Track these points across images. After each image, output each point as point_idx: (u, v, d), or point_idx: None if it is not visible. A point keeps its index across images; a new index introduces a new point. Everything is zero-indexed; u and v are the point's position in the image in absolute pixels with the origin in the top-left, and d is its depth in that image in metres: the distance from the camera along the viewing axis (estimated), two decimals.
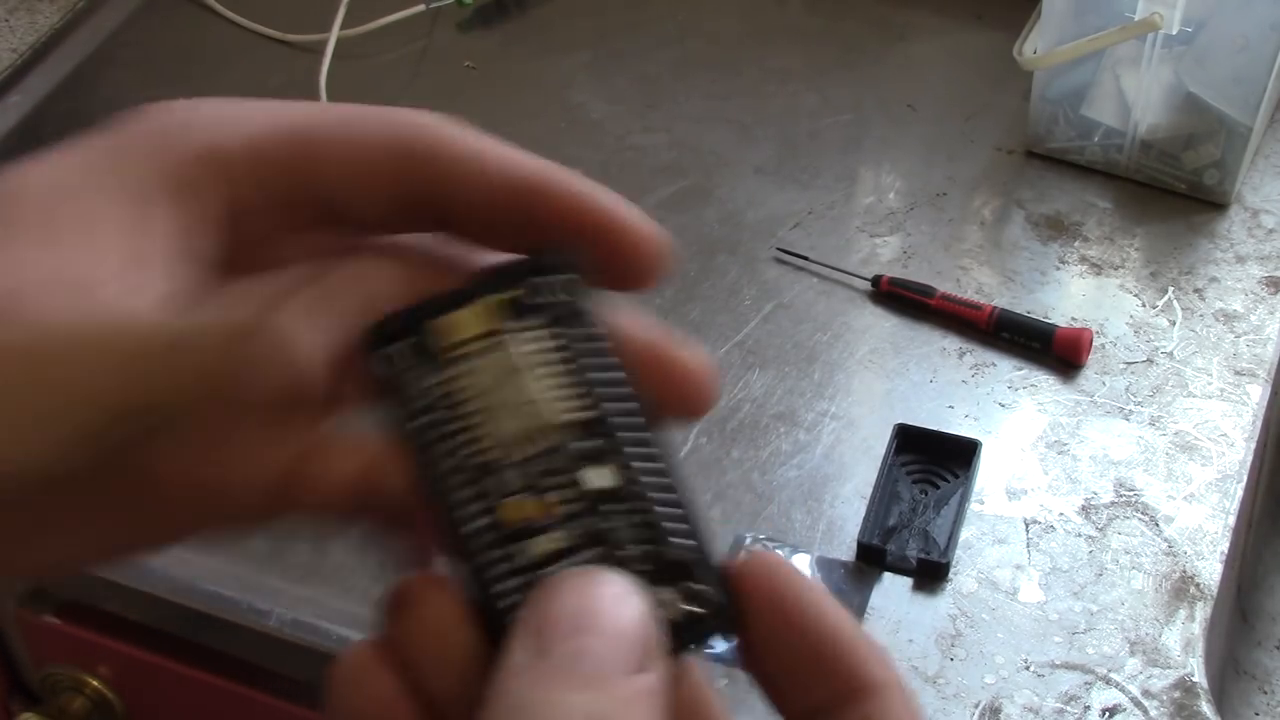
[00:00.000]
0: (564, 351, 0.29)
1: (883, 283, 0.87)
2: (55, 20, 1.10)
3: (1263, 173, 0.94)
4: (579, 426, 0.28)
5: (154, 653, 0.82)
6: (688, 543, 0.28)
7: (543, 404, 0.28)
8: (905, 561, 0.73)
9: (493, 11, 1.08)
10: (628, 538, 0.28)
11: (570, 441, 0.28)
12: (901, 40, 1.06)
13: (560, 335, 0.29)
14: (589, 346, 0.29)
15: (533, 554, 0.28)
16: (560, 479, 0.28)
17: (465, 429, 0.28)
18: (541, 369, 0.28)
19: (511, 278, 0.29)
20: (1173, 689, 0.68)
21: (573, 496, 0.28)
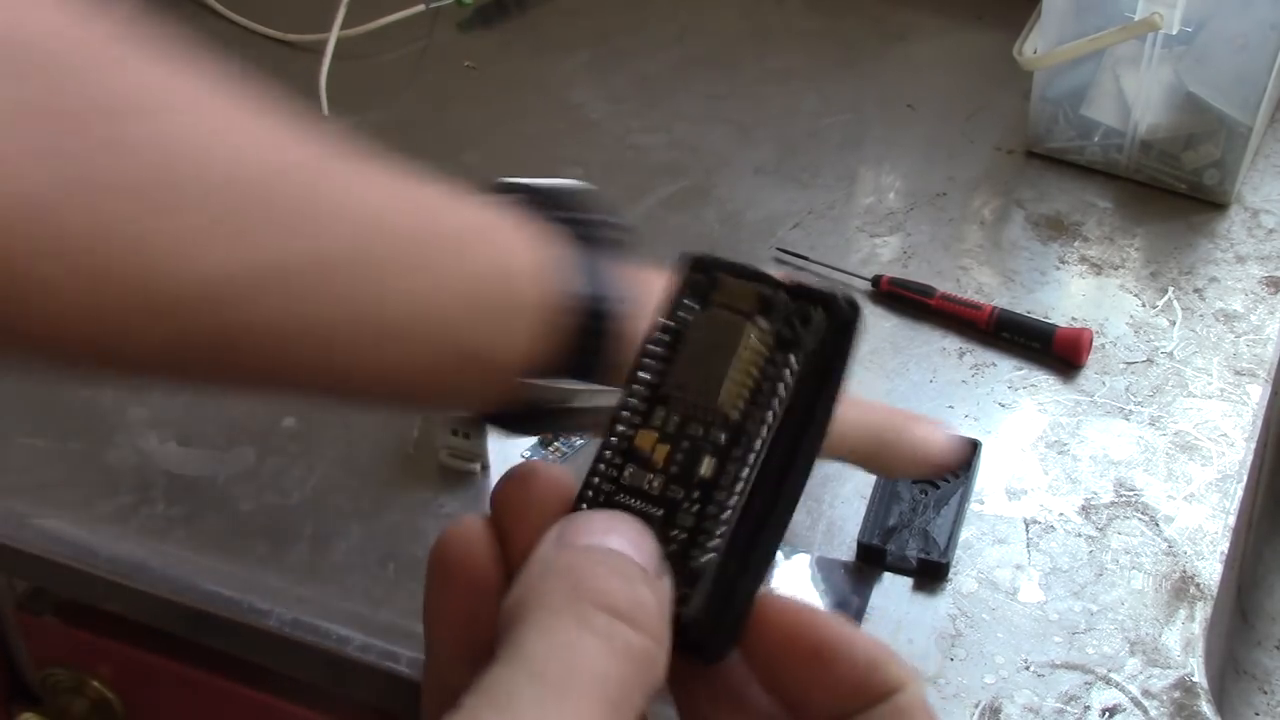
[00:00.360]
0: (772, 370, 0.32)
1: (883, 283, 0.87)
2: None
3: (1263, 173, 0.94)
4: (731, 424, 0.32)
5: (154, 653, 0.82)
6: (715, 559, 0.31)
7: (725, 389, 0.32)
8: (905, 561, 0.73)
9: (493, 11, 1.08)
10: (683, 521, 0.31)
11: (717, 428, 0.32)
12: (901, 40, 1.06)
13: (778, 359, 0.32)
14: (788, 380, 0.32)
15: (627, 477, 0.32)
16: (689, 445, 0.32)
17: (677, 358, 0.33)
18: (747, 366, 0.32)
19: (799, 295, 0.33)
20: (1173, 689, 0.68)
21: (684, 464, 0.32)
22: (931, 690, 0.68)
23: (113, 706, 0.87)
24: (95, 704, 0.87)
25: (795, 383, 0.32)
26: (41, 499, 0.77)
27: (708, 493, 0.31)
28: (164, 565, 0.75)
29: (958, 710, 0.68)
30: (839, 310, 0.33)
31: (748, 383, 0.32)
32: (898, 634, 0.71)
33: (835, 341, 0.33)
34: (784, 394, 0.32)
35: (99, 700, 0.86)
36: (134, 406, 0.82)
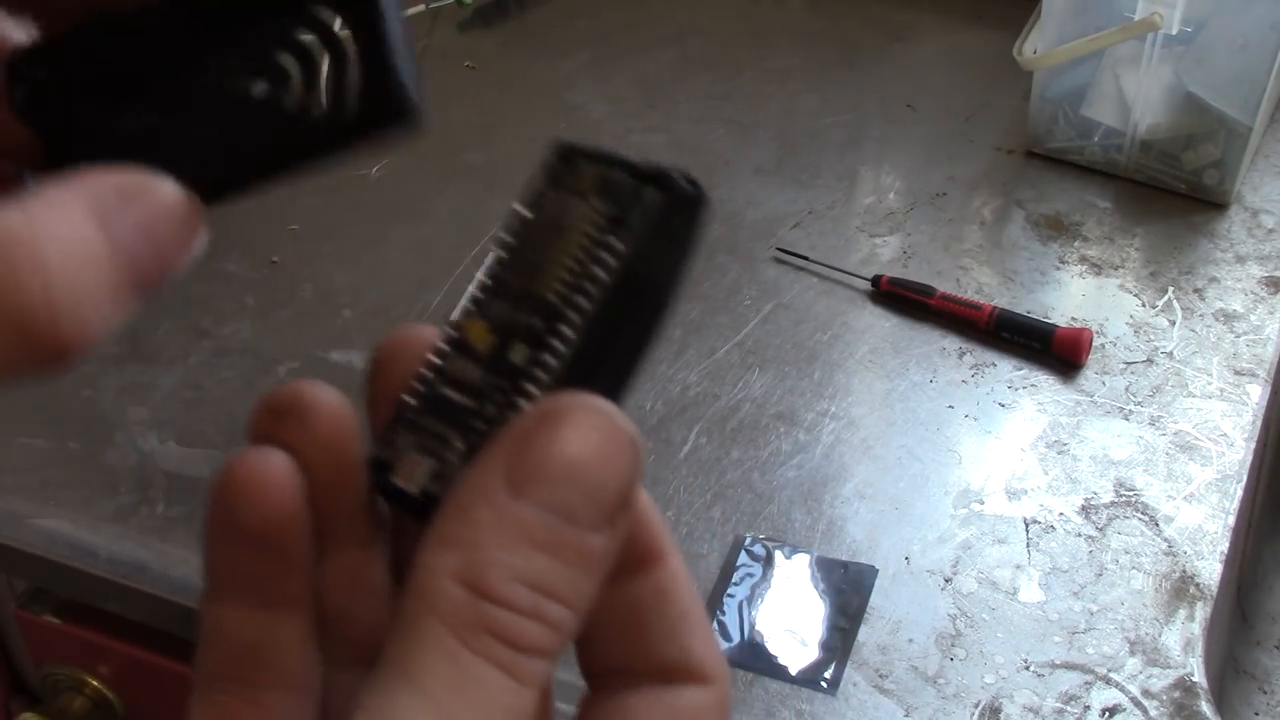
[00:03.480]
0: (599, 253, 0.30)
1: (883, 283, 0.87)
2: None
3: (1263, 173, 0.94)
4: (549, 308, 0.30)
5: (154, 653, 0.82)
6: None
7: (547, 272, 0.30)
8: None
9: (493, 11, 1.08)
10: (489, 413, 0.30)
11: (538, 315, 0.30)
12: (901, 40, 1.06)
13: (608, 243, 0.30)
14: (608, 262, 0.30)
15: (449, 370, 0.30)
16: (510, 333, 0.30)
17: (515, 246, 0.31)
18: (575, 252, 0.30)
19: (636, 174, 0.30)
20: (1173, 689, 0.68)
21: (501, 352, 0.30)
22: (932, 690, 0.69)
23: (113, 706, 0.87)
24: (95, 704, 0.87)
25: (621, 265, 0.29)
26: (41, 499, 0.77)
27: (517, 382, 0.30)
28: (164, 565, 0.75)
29: (958, 710, 0.68)
30: (675, 187, 0.30)
31: (574, 267, 0.30)
32: (897, 634, 0.71)
33: (674, 221, 0.30)
34: (603, 276, 0.29)
35: (99, 700, 0.86)
36: (134, 406, 0.82)
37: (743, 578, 0.73)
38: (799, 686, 0.69)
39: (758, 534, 0.75)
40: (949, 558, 0.74)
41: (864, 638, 0.71)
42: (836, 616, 0.72)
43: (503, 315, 0.30)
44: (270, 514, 0.28)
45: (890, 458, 0.79)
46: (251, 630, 0.28)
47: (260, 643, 0.29)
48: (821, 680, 0.69)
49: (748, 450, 0.78)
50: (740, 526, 0.75)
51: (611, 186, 0.30)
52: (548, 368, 0.29)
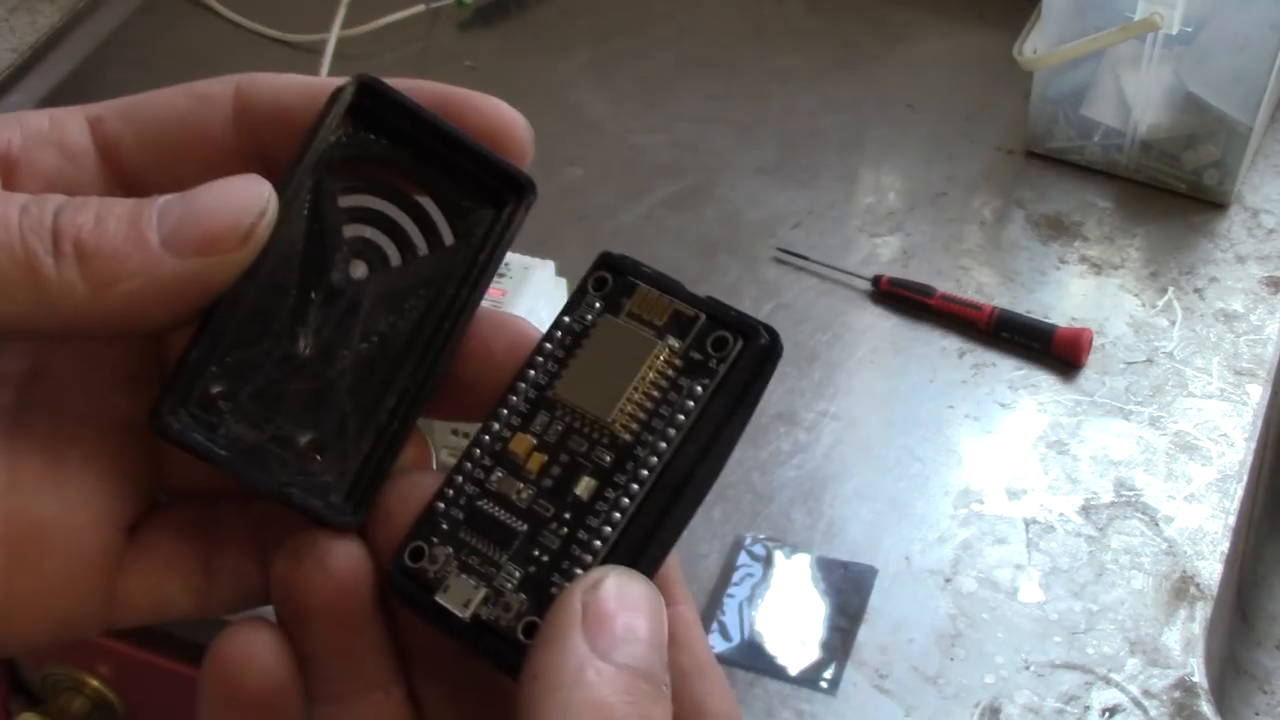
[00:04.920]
0: (673, 395, 0.30)
1: (883, 283, 0.87)
2: (55, 20, 1.10)
3: (1263, 173, 0.94)
4: (619, 445, 0.29)
5: (154, 653, 0.82)
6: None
7: (619, 408, 0.30)
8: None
9: (493, 11, 1.08)
10: (548, 542, 0.29)
11: (602, 448, 0.29)
12: (901, 40, 1.06)
13: (684, 386, 0.30)
14: (690, 410, 0.30)
15: (494, 482, 0.30)
16: (567, 460, 0.30)
17: (569, 364, 0.30)
18: (649, 389, 0.30)
19: (717, 319, 0.30)
20: (1173, 689, 0.68)
21: (560, 479, 0.30)
22: (932, 690, 0.69)
23: (113, 706, 0.87)
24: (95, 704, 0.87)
25: (700, 412, 0.29)
26: None
27: (580, 515, 0.29)
28: None
29: (958, 710, 0.68)
30: (757, 342, 0.30)
31: (646, 405, 0.29)
32: (897, 634, 0.71)
33: (750, 372, 0.30)
34: (684, 424, 0.29)
35: (99, 700, 0.86)
36: None
37: (743, 578, 0.73)
38: (799, 686, 0.69)
39: (758, 534, 0.75)
40: (949, 558, 0.74)
41: (864, 638, 0.71)
42: (836, 616, 0.72)
43: (556, 437, 0.30)
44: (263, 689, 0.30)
45: (890, 458, 0.79)
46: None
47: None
48: (821, 680, 0.69)
49: (748, 450, 0.78)
50: (740, 527, 0.75)
51: (687, 323, 0.30)
52: (619, 507, 0.29)
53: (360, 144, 0.31)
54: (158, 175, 0.31)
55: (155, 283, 0.28)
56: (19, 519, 0.29)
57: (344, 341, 0.31)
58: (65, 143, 0.31)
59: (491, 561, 0.29)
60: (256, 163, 0.31)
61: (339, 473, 0.31)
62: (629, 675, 0.27)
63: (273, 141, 0.31)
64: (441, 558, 0.30)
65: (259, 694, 0.30)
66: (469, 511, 0.30)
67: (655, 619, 0.28)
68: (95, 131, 0.31)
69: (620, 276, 0.31)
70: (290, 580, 0.30)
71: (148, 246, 0.28)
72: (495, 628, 0.29)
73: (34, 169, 0.30)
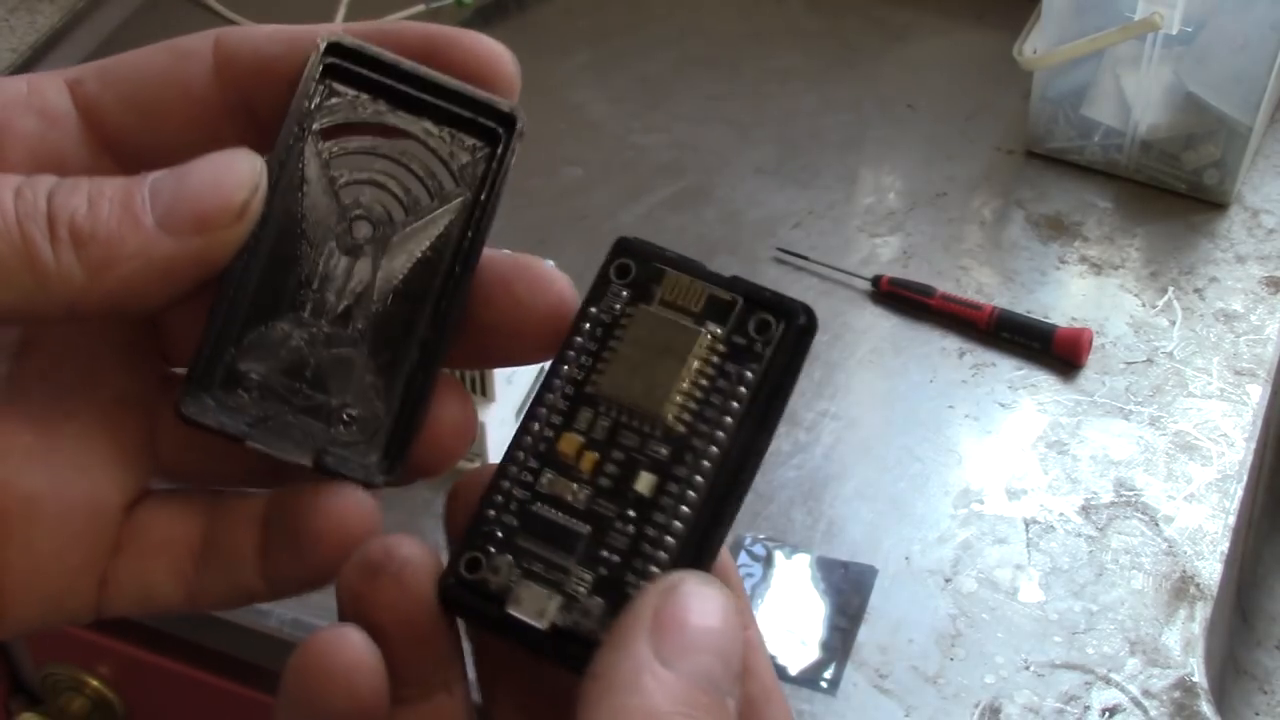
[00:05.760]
0: (722, 383, 0.29)
1: (883, 283, 0.87)
2: (55, 20, 1.10)
3: (1263, 173, 0.94)
4: (674, 438, 0.29)
5: (154, 653, 0.82)
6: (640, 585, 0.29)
7: (669, 400, 0.29)
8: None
9: (493, 11, 1.08)
10: (616, 542, 0.29)
11: (656, 441, 0.29)
12: (901, 40, 1.06)
13: (732, 372, 0.29)
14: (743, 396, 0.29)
15: (545, 484, 0.29)
16: (622, 456, 0.29)
17: (606, 357, 0.30)
18: (698, 379, 0.29)
19: (755, 301, 0.30)
20: (1173, 689, 0.68)
21: (617, 476, 0.29)
22: (932, 690, 0.69)
23: (113, 706, 0.87)
24: (95, 704, 0.87)
25: (751, 396, 0.29)
26: None
27: (646, 512, 0.29)
28: None
29: (958, 710, 0.68)
30: (798, 322, 0.30)
31: (696, 394, 0.29)
32: (897, 634, 0.71)
33: (791, 353, 0.30)
34: (739, 410, 0.29)
35: (99, 700, 0.86)
36: None
37: (743, 578, 0.73)
38: (799, 686, 0.69)
39: (758, 534, 0.75)
40: (949, 558, 0.74)
41: (864, 638, 0.71)
42: (836, 616, 0.72)
43: (605, 434, 0.29)
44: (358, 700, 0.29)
45: (890, 458, 0.79)
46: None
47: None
48: (821, 680, 0.69)
49: None
50: (740, 526, 0.75)
51: (724, 308, 0.30)
52: (685, 500, 0.29)
53: (343, 103, 0.31)
54: (140, 135, 0.31)
55: (152, 264, 0.28)
56: (9, 492, 0.29)
57: (358, 303, 0.31)
58: (45, 107, 0.30)
59: (558, 567, 0.29)
60: (241, 115, 0.31)
61: (371, 433, 0.31)
62: (689, 685, 0.26)
63: (256, 94, 0.31)
64: (503, 567, 0.29)
65: (352, 700, 0.29)
66: (523, 516, 0.29)
67: (728, 631, 0.27)
68: (75, 94, 0.31)
69: (644, 262, 0.30)
70: (363, 593, 0.29)
71: (142, 228, 0.28)
72: (577, 635, 0.28)
73: (15, 135, 0.30)
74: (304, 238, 0.31)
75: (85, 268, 0.27)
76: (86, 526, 0.30)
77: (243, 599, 0.32)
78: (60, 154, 0.30)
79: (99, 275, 0.27)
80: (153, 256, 0.28)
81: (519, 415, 0.80)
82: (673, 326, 0.30)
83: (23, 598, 0.30)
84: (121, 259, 0.28)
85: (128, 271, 0.28)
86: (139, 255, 0.28)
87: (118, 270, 0.28)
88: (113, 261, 0.28)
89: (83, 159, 0.31)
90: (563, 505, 0.29)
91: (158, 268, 0.28)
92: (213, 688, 0.81)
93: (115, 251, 0.28)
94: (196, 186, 0.28)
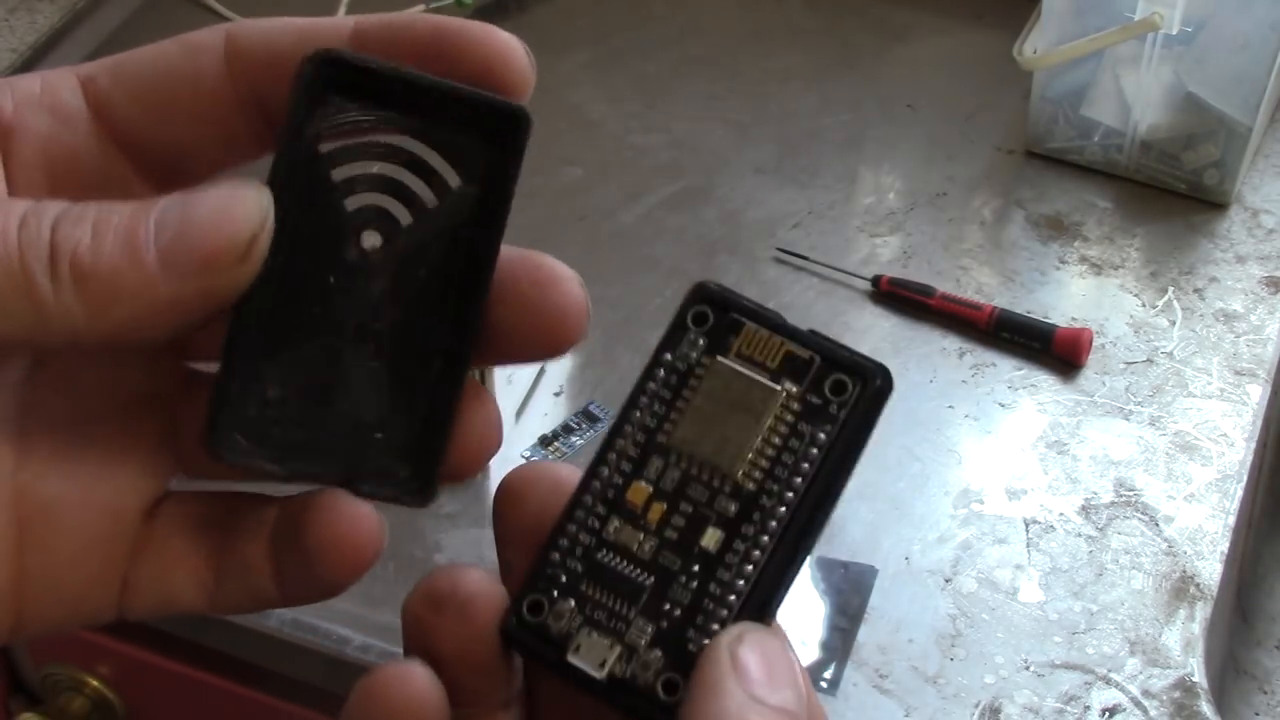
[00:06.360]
0: (794, 442, 0.29)
1: (883, 283, 0.87)
2: (55, 20, 1.10)
3: (1263, 173, 0.94)
4: (743, 495, 0.29)
5: (154, 653, 0.82)
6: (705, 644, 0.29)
7: (741, 458, 0.29)
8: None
9: (493, 11, 1.08)
10: (679, 596, 0.29)
11: (725, 497, 0.29)
12: (901, 40, 1.06)
13: (805, 432, 0.29)
14: (815, 458, 0.29)
15: (612, 532, 0.29)
16: (690, 509, 0.29)
17: (680, 408, 0.30)
18: (771, 437, 0.29)
19: (833, 361, 0.30)
20: (1173, 689, 0.68)
21: (684, 530, 0.29)
22: (932, 690, 0.69)
23: (113, 706, 0.87)
24: (95, 704, 0.87)
25: (823, 458, 0.29)
26: None
27: (710, 568, 0.29)
28: None
29: (958, 710, 0.68)
30: (873, 384, 0.29)
31: (768, 452, 0.29)
32: (897, 634, 0.71)
33: (865, 415, 0.29)
34: (809, 472, 0.29)
35: (99, 700, 0.86)
36: None
37: None
38: None
39: None
40: (949, 558, 0.74)
41: (864, 638, 0.71)
42: (836, 616, 0.72)
43: (674, 485, 0.29)
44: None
45: (890, 458, 0.79)
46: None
47: None
48: (821, 680, 0.69)
49: None
50: None
51: (801, 366, 0.30)
52: (750, 559, 0.29)
53: (340, 115, 0.30)
54: (152, 130, 0.31)
55: (153, 304, 0.27)
56: (30, 498, 0.29)
57: (375, 315, 0.30)
58: (58, 105, 0.30)
59: (620, 617, 0.29)
60: (253, 109, 0.30)
61: (400, 449, 0.31)
62: (784, 715, 0.28)
63: (268, 88, 0.30)
64: (566, 613, 0.29)
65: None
66: (588, 563, 0.29)
67: (795, 666, 0.29)
68: (87, 91, 0.30)
69: (722, 312, 0.30)
70: (427, 621, 0.30)
71: (144, 266, 0.27)
72: (634, 686, 0.29)
73: (29, 135, 0.30)
74: (312, 257, 0.30)
75: (85, 305, 0.27)
76: (107, 531, 0.30)
77: (260, 605, 0.32)
78: (73, 152, 0.30)
79: (99, 313, 0.27)
80: (155, 296, 0.27)
81: (518, 415, 0.80)
82: (748, 382, 0.30)
83: (44, 601, 0.30)
84: (123, 298, 0.27)
85: (128, 311, 0.27)
86: (140, 295, 0.27)
87: (118, 309, 0.27)
88: (113, 300, 0.27)
89: (95, 156, 0.30)
90: (629, 555, 0.29)
91: (160, 307, 0.27)
92: (213, 688, 0.81)
93: (116, 289, 0.27)
94: (201, 224, 0.27)
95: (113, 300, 0.27)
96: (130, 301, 0.27)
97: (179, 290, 0.27)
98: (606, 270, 0.87)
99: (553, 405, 0.81)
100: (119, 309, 0.27)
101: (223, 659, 0.78)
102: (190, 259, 0.27)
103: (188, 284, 0.27)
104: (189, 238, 0.27)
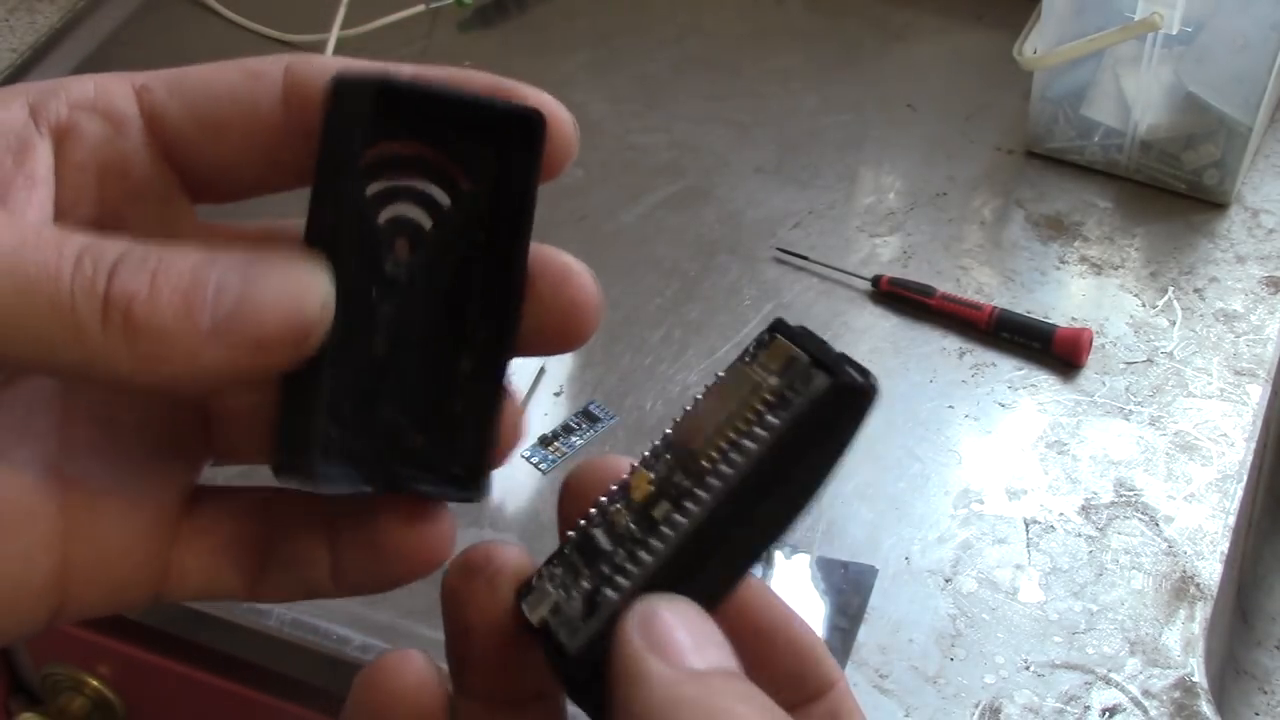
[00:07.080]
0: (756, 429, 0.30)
1: (883, 282, 0.87)
2: (55, 20, 1.10)
3: (1263, 173, 0.94)
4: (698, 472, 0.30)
5: (154, 653, 0.82)
6: (615, 600, 0.30)
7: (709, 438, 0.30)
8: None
9: (493, 11, 1.08)
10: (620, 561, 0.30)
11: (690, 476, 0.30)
12: (901, 40, 1.06)
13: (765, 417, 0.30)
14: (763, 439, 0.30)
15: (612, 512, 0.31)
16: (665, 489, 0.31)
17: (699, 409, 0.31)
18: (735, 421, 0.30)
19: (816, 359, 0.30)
20: (1173, 689, 0.68)
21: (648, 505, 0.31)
22: (932, 690, 0.69)
23: (113, 706, 0.87)
24: (95, 704, 0.87)
25: (771, 441, 0.30)
26: None
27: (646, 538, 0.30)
28: None
29: (958, 710, 0.68)
30: (841, 375, 0.30)
31: (729, 434, 0.30)
32: (897, 634, 0.71)
33: (832, 410, 0.30)
34: (753, 450, 0.30)
35: (99, 700, 0.86)
36: None
37: None
38: None
39: None
40: (949, 558, 0.74)
41: (864, 638, 0.71)
42: (836, 616, 0.72)
43: (665, 470, 0.31)
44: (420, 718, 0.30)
45: (890, 458, 0.79)
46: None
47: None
48: None
49: None
50: None
51: (790, 364, 0.30)
52: (674, 525, 0.30)
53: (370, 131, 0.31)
54: (202, 147, 0.31)
55: (201, 369, 0.27)
56: (75, 487, 0.30)
57: (414, 321, 0.31)
58: (111, 110, 0.30)
59: (577, 574, 0.31)
60: (300, 142, 0.31)
61: (449, 450, 0.32)
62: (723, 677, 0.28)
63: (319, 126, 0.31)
64: (547, 574, 0.31)
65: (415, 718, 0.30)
66: (584, 538, 0.31)
67: (711, 623, 0.29)
68: (141, 100, 0.31)
69: (771, 336, 0.31)
70: (461, 592, 0.31)
71: (198, 332, 0.27)
72: (552, 631, 0.30)
73: (81, 138, 0.30)
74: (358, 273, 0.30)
75: (132, 356, 0.26)
76: (150, 520, 0.31)
77: (308, 595, 0.33)
78: (124, 159, 0.30)
79: (145, 366, 0.27)
80: (203, 364, 0.27)
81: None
82: (742, 378, 0.31)
83: (87, 589, 0.30)
84: (172, 358, 0.27)
85: (174, 371, 0.27)
86: (190, 359, 0.27)
87: (165, 368, 0.27)
88: (162, 359, 0.27)
89: (144, 164, 0.30)
90: (611, 529, 0.31)
91: (207, 373, 0.27)
92: (213, 688, 0.81)
93: (167, 350, 0.26)
94: (261, 304, 0.27)
95: (160, 359, 0.27)
96: (178, 362, 0.27)
97: (229, 361, 0.27)
98: (606, 270, 0.87)
99: (553, 405, 0.81)
100: (165, 367, 0.27)
101: (223, 659, 0.78)
102: (246, 337, 0.27)
103: (239, 358, 0.27)
104: (247, 317, 0.27)
